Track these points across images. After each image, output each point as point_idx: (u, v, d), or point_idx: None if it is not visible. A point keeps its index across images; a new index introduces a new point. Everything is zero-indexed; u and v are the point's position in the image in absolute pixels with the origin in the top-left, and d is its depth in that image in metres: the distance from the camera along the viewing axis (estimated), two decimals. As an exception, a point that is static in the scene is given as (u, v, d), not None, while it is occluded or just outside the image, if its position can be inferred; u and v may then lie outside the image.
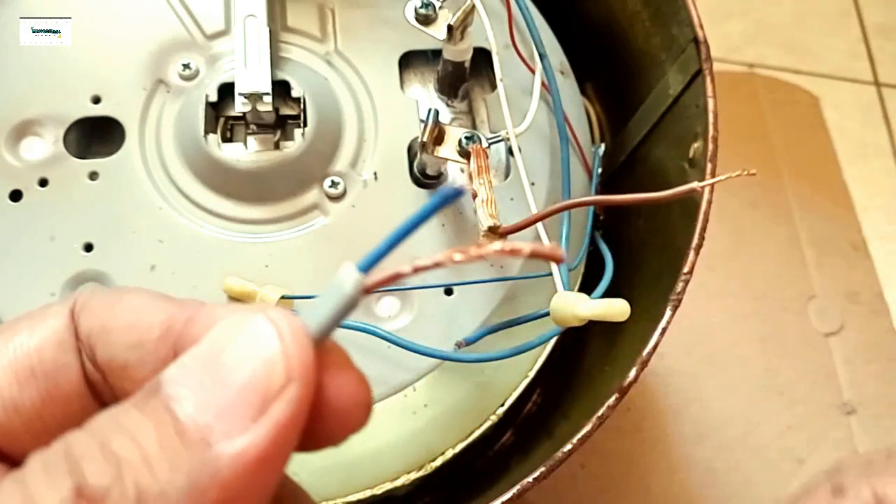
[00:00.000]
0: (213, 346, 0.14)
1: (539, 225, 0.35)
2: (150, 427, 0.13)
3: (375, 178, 0.39)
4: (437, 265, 0.15)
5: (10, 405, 0.15)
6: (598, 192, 0.44)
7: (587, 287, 0.42)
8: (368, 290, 0.15)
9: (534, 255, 0.14)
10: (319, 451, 0.16)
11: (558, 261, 0.15)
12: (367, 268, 0.15)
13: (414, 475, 0.38)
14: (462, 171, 0.41)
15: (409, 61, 0.43)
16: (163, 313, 0.16)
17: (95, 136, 0.40)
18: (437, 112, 0.36)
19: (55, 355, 0.16)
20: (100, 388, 0.16)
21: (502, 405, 0.40)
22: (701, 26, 0.40)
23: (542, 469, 0.32)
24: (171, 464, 0.13)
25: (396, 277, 0.15)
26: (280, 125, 0.40)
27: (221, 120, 0.40)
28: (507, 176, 0.41)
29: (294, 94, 0.39)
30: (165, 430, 0.13)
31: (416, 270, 0.15)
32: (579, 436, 0.33)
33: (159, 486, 0.12)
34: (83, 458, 0.13)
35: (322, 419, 0.15)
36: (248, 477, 0.13)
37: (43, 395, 0.16)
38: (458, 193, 0.14)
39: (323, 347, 0.15)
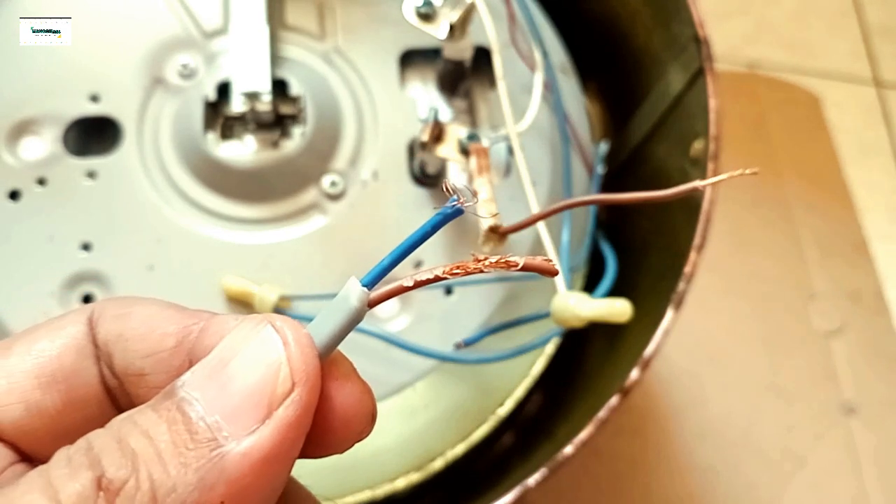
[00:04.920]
0: (224, 354, 0.15)
1: (540, 224, 0.35)
2: (163, 426, 0.14)
3: (375, 177, 0.39)
4: (437, 279, 0.15)
5: (34, 408, 0.16)
6: (599, 192, 0.44)
7: (589, 287, 0.42)
8: (373, 304, 0.16)
9: (527, 269, 0.15)
10: (324, 458, 0.16)
11: (551, 274, 0.15)
12: (371, 282, 0.15)
13: (414, 476, 0.37)
14: (462, 170, 0.41)
15: (409, 59, 0.43)
16: (176, 323, 0.17)
17: (94, 135, 0.40)
18: (437, 110, 0.36)
19: (75, 361, 0.17)
20: (116, 394, 0.17)
21: (502, 406, 0.39)
22: (702, 25, 0.39)
23: (543, 470, 0.32)
24: (182, 460, 0.14)
25: (399, 291, 0.16)
26: (279, 124, 0.39)
27: (220, 119, 0.39)
28: (507, 175, 0.40)
29: (293, 92, 0.39)
30: (178, 430, 0.14)
31: (417, 285, 0.15)
32: (580, 437, 0.32)
33: (171, 481, 0.13)
34: (103, 453, 0.14)
35: (328, 427, 0.16)
36: (254, 475, 0.14)
37: (63, 399, 0.17)
38: (458, 212, 0.15)
39: (329, 358, 0.16)
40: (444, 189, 0.15)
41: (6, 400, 0.16)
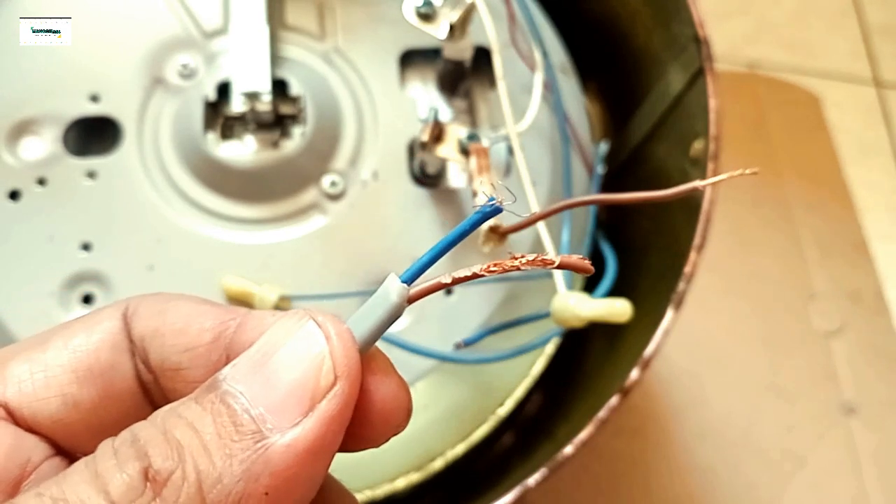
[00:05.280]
0: (266, 348, 0.15)
1: (540, 224, 0.35)
2: (208, 419, 0.14)
3: (375, 177, 0.39)
4: (474, 276, 0.16)
5: (71, 402, 0.17)
6: (599, 192, 0.44)
7: (589, 288, 0.42)
8: (412, 300, 0.16)
9: (563, 267, 0.16)
10: (361, 451, 0.17)
11: (587, 272, 0.16)
12: (410, 279, 0.16)
13: (414, 476, 0.37)
14: (462, 170, 0.41)
15: (409, 59, 0.43)
16: (213, 319, 0.17)
17: (94, 135, 0.40)
18: (437, 110, 0.36)
19: (110, 356, 0.17)
20: (151, 388, 0.17)
21: (502, 406, 0.39)
22: (702, 25, 0.39)
23: (544, 470, 0.32)
24: (227, 451, 0.14)
25: (438, 287, 0.16)
26: (279, 124, 0.39)
27: (220, 119, 0.39)
28: (507, 175, 0.40)
29: (293, 92, 0.39)
30: (222, 422, 0.14)
31: (455, 282, 0.16)
32: (580, 437, 0.32)
33: (217, 472, 0.14)
34: (149, 445, 0.14)
35: (366, 421, 0.16)
36: (298, 466, 0.14)
37: (100, 394, 0.17)
38: (497, 210, 0.15)
39: (368, 353, 0.16)
40: (480, 191, 0.15)
41: (44, 393, 0.16)
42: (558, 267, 0.16)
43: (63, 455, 0.17)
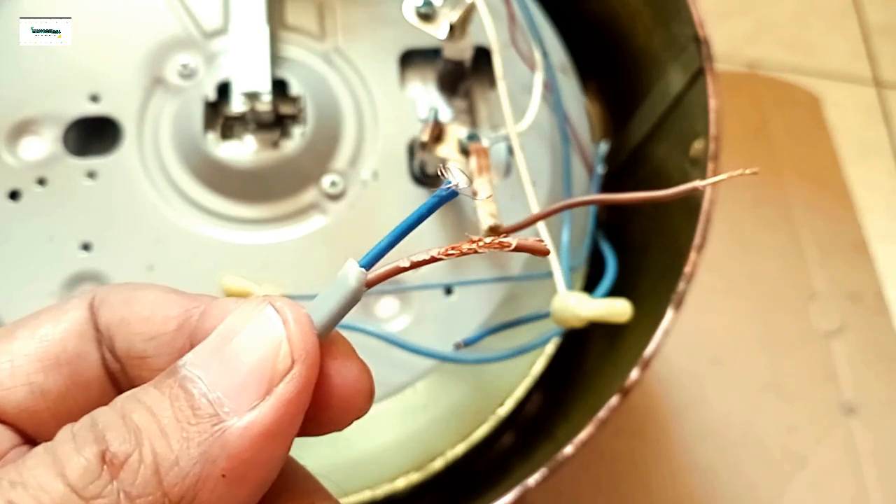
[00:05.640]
0: (225, 333, 0.15)
1: (540, 224, 0.35)
2: (166, 403, 0.14)
3: (375, 177, 0.39)
4: (433, 259, 0.16)
5: (38, 390, 0.17)
6: (599, 192, 0.44)
7: (589, 287, 0.42)
8: (370, 285, 0.16)
9: (519, 249, 0.16)
10: (323, 436, 0.17)
11: (542, 254, 0.16)
12: (368, 263, 0.16)
13: (414, 476, 0.37)
14: (462, 170, 0.41)
15: (409, 59, 0.43)
16: (177, 307, 0.17)
17: (94, 135, 0.40)
18: (437, 110, 0.36)
19: (77, 345, 0.17)
20: (118, 377, 0.18)
21: (502, 406, 0.39)
22: (702, 25, 0.39)
23: (544, 470, 0.32)
24: (184, 434, 0.14)
25: (396, 272, 0.16)
26: (279, 124, 0.39)
27: (220, 119, 0.39)
28: (507, 175, 0.40)
29: (293, 92, 0.39)
30: (180, 406, 0.14)
31: (414, 265, 0.16)
32: (580, 437, 0.32)
33: (174, 454, 0.14)
34: (107, 429, 0.14)
35: (327, 405, 0.16)
36: (255, 449, 0.14)
37: (66, 382, 0.17)
38: (453, 194, 0.15)
39: (328, 338, 0.16)
40: (440, 172, 0.15)
41: (10, 382, 0.16)
42: (515, 249, 0.15)
43: (30, 444, 0.17)
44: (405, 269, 0.16)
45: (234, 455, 0.14)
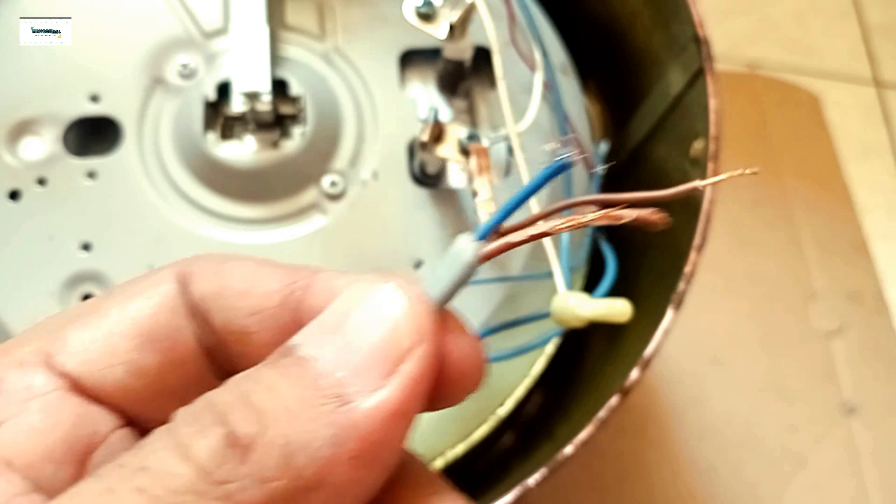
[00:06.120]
0: (341, 312, 0.15)
1: (540, 224, 0.35)
2: (287, 383, 0.14)
3: (375, 177, 0.39)
4: (544, 234, 0.16)
5: (136, 369, 0.16)
6: (599, 192, 0.44)
7: (589, 288, 0.42)
8: (485, 258, 0.16)
9: (636, 221, 0.15)
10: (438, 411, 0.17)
11: (661, 225, 0.15)
12: (482, 237, 0.16)
13: (414, 476, 0.37)
14: (462, 170, 0.41)
15: (409, 60, 0.43)
16: (278, 281, 0.17)
17: (94, 135, 0.40)
18: (437, 111, 0.36)
19: (170, 320, 0.16)
20: (214, 351, 0.17)
21: (502, 406, 0.39)
22: (702, 25, 0.39)
23: (544, 470, 0.32)
24: (311, 415, 0.13)
25: (509, 247, 0.16)
26: (279, 124, 0.39)
27: (220, 119, 0.39)
28: (507, 175, 0.40)
29: (293, 92, 0.39)
30: (303, 385, 0.14)
31: (528, 240, 0.16)
32: (581, 437, 0.32)
33: (302, 437, 0.13)
34: (228, 411, 0.13)
35: (443, 381, 0.16)
36: (383, 430, 0.14)
37: (163, 359, 0.16)
38: (567, 165, 0.15)
39: (441, 314, 0.16)
40: (560, 140, 0.15)
41: (108, 361, 0.16)
42: (631, 222, 0.15)
43: (129, 426, 0.17)
44: (519, 244, 0.16)
45: (363, 436, 0.14)
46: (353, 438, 0.14)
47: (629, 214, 0.15)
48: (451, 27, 0.36)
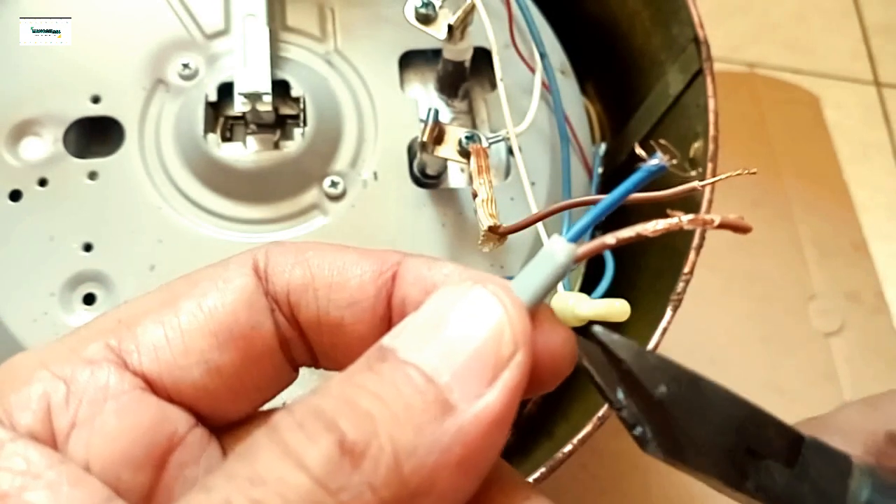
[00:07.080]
0: (437, 314, 0.15)
1: (539, 225, 0.35)
2: (391, 389, 0.14)
3: (375, 177, 0.39)
4: (639, 237, 0.16)
5: (214, 368, 0.16)
6: (598, 192, 0.44)
7: (588, 288, 0.42)
8: (579, 260, 0.16)
9: (723, 226, 0.16)
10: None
11: (745, 230, 0.16)
12: (574, 238, 0.16)
13: (414, 476, 0.37)
14: (462, 170, 0.41)
15: (409, 61, 0.43)
16: (367, 269, 0.16)
17: (95, 135, 0.40)
18: (436, 111, 0.36)
19: (249, 316, 0.16)
20: (293, 346, 0.16)
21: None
22: (701, 26, 0.40)
23: (543, 470, 0.32)
24: (418, 421, 0.13)
25: (603, 248, 0.16)
26: (280, 125, 0.40)
27: (221, 120, 0.40)
28: (507, 175, 0.41)
29: (294, 93, 0.39)
30: (408, 392, 0.13)
31: (620, 242, 0.16)
32: (579, 436, 0.33)
33: (411, 443, 0.13)
34: (337, 417, 0.13)
35: (534, 374, 0.16)
36: (486, 437, 0.14)
37: (241, 357, 0.16)
38: (662, 168, 0.15)
39: (532, 309, 0.16)
40: (652, 144, 0.15)
41: (185, 361, 0.15)
42: (718, 226, 0.15)
43: (205, 426, 0.16)
44: (611, 246, 0.16)
45: (467, 443, 0.13)
46: (458, 445, 0.13)
47: (716, 220, 0.15)
48: (451, 28, 0.36)
